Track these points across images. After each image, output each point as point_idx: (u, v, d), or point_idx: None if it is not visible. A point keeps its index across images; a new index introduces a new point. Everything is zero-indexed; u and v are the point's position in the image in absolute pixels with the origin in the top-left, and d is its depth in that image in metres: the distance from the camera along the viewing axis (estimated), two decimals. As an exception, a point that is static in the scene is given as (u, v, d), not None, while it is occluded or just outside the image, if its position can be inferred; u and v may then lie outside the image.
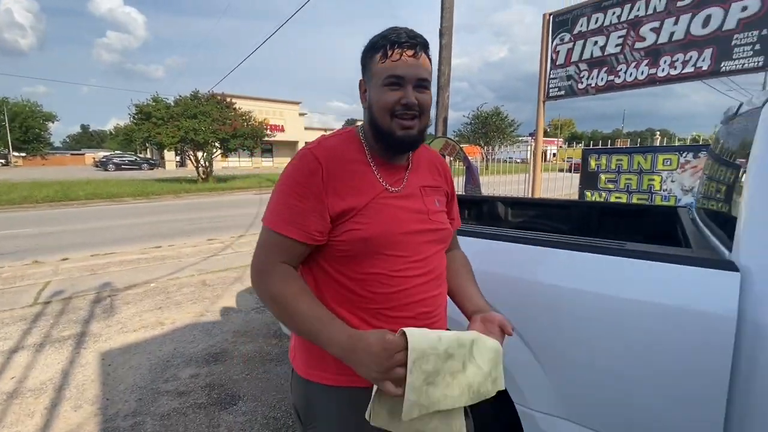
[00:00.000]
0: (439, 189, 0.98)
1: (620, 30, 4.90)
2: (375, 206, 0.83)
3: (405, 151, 0.90)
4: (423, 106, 0.83)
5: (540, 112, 5.82)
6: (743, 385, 0.91)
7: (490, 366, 0.78)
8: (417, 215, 0.88)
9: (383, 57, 0.81)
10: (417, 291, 0.86)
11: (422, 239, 0.87)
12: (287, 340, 3.01)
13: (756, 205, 0.99)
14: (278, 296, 0.80)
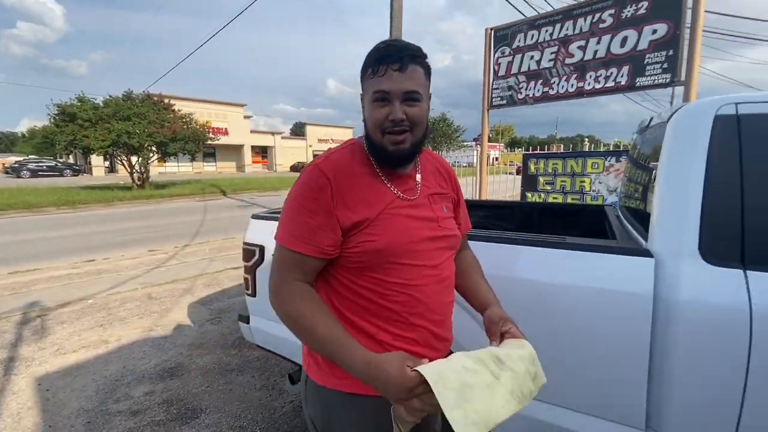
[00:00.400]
0: (446, 195, 0.98)
1: (552, 47, 5.41)
2: (386, 216, 0.83)
3: (399, 165, 0.89)
4: (413, 119, 0.82)
5: (485, 119, 6.21)
6: (659, 348, 1.11)
7: (525, 365, 0.78)
8: (427, 223, 0.88)
9: (371, 73, 0.81)
10: (432, 298, 0.87)
11: (434, 246, 0.88)
12: (248, 350, 2.95)
13: (664, 202, 1.20)
14: (294, 316, 0.80)
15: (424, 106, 0.84)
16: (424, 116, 0.84)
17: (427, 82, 0.86)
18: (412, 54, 0.81)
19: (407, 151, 0.84)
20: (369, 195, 0.84)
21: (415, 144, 0.85)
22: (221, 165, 39.94)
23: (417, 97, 0.82)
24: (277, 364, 2.75)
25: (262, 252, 2.04)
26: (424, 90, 0.84)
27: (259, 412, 2.20)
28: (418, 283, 0.85)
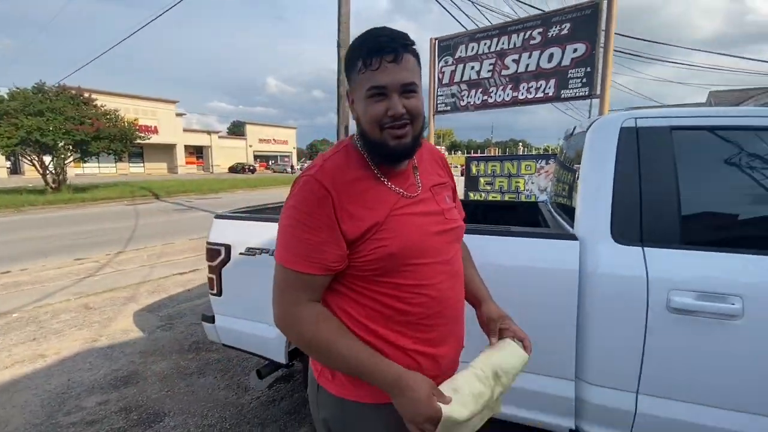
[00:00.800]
0: (446, 185, 0.96)
1: (490, 58, 5.90)
2: (394, 218, 0.80)
3: (401, 161, 0.84)
4: (412, 112, 0.78)
5: (431, 124, 6.56)
6: (583, 312, 1.39)
7: (514, 376, 0.85)
8: (434, 217, 0.86)
9: (363, 67, 0.75)
10: (447, 295, 0.86)
11: (443, 240, 0.86)
12: (206, 353, 2.91)
13: (585, 196, 1.50)
14: (312, 341, 0.77)
15: (420, 95, 0.80)
16: (422, 106, 0.80)
17: (419, 69, 0.82)
18: (404, 43, 0.76)
19: (409, 145, 0.80)
20: (372, 200, 0.80)
21: (416, 137, 0.81)
22: (150, 166, 36.86)
23: (414, 89, 0.78)
24: (239, 364, 2.76)
25: (228, 251, 2.07)
26: (419, 80, 0.80)
27: (226, 410, 2.22)
28: (433, 282, 0.83)
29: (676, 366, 1.33)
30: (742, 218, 1.41)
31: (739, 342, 1.25)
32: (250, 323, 2.09)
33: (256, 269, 2.01)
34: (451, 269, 0.88)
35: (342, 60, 7.17)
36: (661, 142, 1.42)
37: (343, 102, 7.18)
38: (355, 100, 0.81)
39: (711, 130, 1.42)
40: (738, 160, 1.39)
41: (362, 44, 0.76)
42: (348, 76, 0.82)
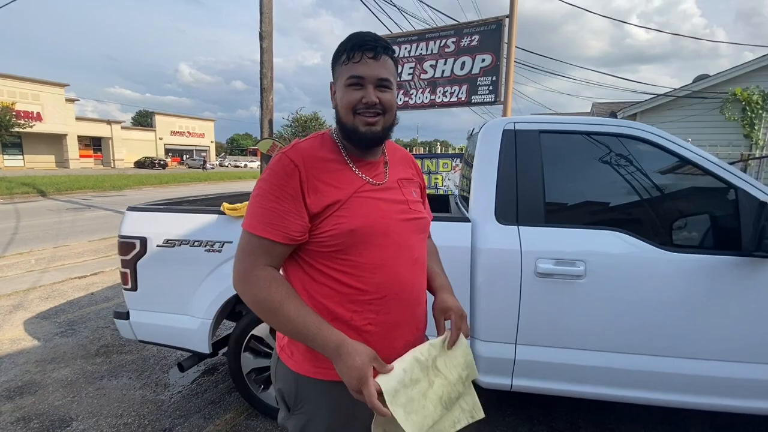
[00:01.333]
0: (413, 181, 1.03)
1: (410, 62, 6.29)
2: (357, 199, 0.86)
3: (370, 147, 0.91)
4: (385, 104, 0.86)
5: (355, 121, 6.75)
6: (474, 278, 1.69)
7: (458, 372, 0.86)
8: (398, 205, 0.92)
9: (346, 59, 0.85)
10: (406, 279, 0.90)
11: (407, 228, 0.92)
12: (118, 355, 2.74)
13: (476, 187, 1.80)
14: (264, 301, 0.81)
15: (394, 93, 0.89)
16: (394, 102, 0.89)
17: (395, 72, 0.91)
18: (384, 45, 0.86)
19: (378, 133, 0.88)
20: (338, 180, 0.86)
21: (386, 128, 0.89)
22: (33, 159, 31.44)
23: (389, 85, 0.87)
24: (157, 363, 2.65)
25: (144, 244, 2.02)
26: (393, 79, 0.89)
27: (144, 408, 2.16)
28: (392, 264, 0.87)
29: (543, 319, 1.69)
30: (586, 202, 1.83)
31: (584, 296, 1.64)
32: (170, 316, 2.07)
33: (177, 261, 2.00)
34: (412, 256, 0.92)
35: (265, 52, 7.00)
36: (532, 142, 1.78)
37: (266, 95, 7.01)
38: (336, 90, 0.90)
39: (566, 134, 1.81)
40: (583, 157, 1.80)
41: (349, 41, 0.86)
42: (333, 68, 0.91)
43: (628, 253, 1.64)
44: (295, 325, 0.79)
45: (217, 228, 1.97)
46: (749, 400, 1.64)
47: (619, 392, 1.73)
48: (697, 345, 1.63)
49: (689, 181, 1.76)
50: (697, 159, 1.66)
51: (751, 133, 8.08)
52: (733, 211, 1.60)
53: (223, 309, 2.03)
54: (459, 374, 0.86)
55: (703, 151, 1.71)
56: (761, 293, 1.57)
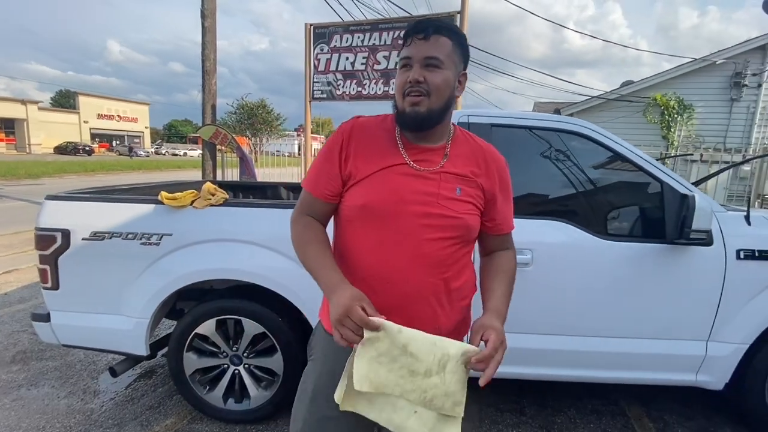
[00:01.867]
0: (469, 179, 0.91)
1: (364, 52, 6.20)
2: (383, 175, 0.87)
3: (415, 130, 0.88)
4: (431, 83, 0.83)
5: (307, 111, 6.57)
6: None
7: (456, 388, 0.77)
8: (424, 196, 0.86)
9: (402, 45, 0.87)
10: (401, 270, 0.86)
11: (422, 222, 0.86)
12: (38, 362, 2.43)
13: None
14: (295, 240, 0.93)
15: (446, 74, 0.84)
16: (445, 84, 0.84)
17: (455, 55, 0.86)
18: (437, 25, 0.85)
19: (423, 115, 0.84)
20: (376, 154, 0.88)
21: (432, 110, 0.84)
22: None
23: (437, 63, 0.83)
24: (84, 368, 2.40)
25: (66, 237, 1.80)
26: (448, 59, 0.84)
27: (71, 418, 1.93)
28: (390, 250, 0.86)
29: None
30: (534, 194, 1.92)
31: (532, 282, 1.73)
32: (98, 317, 1.87)
33: (107, 256, 1.80)
34: (419, 250, 0.86)
35: (208, 32, 6.52)
36: (483, 134, 1.81)
37: (209, 78, 6.54)
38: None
39: (516, 128, 1.87)
40: (532, 151, 1.89)
41: (408, 28, 0.87)
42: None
43: (570, 242, 1.75)
44: (312, 263, 0.87)
45: (155, 219, 1.80)
46: (670, 372, 1.84)
47: (561, 372, 1.85)
48: (626, 325, 1.80)
49: (624, 175, 1.90)
50: (630, 155, 1.80)
51: (668, 135, 9.05)
52: (660, 203, 1.76)
53: (162, 307, 1.87)
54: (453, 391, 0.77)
55: (635, 148, 1.86)
56: (681, 276, 1.75)
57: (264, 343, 1.87)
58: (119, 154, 35.45)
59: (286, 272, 1.75)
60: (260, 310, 1.82)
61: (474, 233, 0.93)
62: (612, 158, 1.87)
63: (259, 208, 1.84)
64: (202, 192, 1.84)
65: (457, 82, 0.89)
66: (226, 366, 1.92)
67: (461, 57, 0.89)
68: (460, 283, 0.93)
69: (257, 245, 1.78)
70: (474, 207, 0.91)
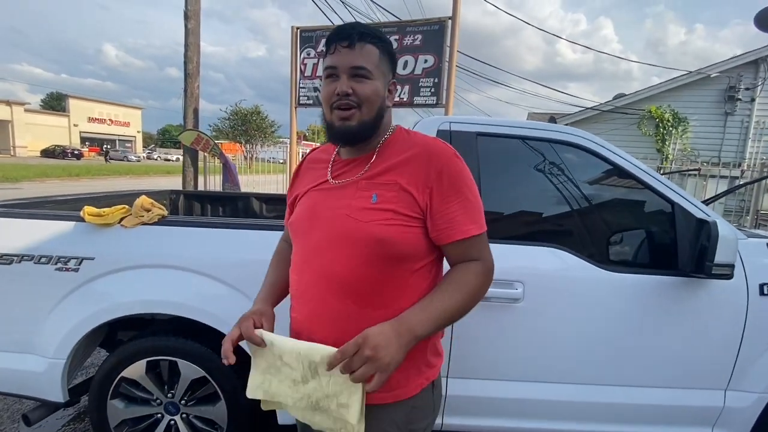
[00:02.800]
0: (390, 184, 0.80)
1: (351, 57, 5.99)
2: (306, 195, 0.88)
3: (349, 144, 0.84)
4: (360, 95, 0.79)
5: (293, 116, 6.31)
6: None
7: (336, 390, 0.75)
8: (335, 210, 0.81)
9: (325, 53, 0.82)
10: (308, 291, 0.83)
11: (330, 237, 0.80)
12: None
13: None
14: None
15: (375, 84, 0.81)
16: (375, 95, 0.80)
17: (383, 64, 0.82)
18: (361, 32, 0.80)
19: (354, 129, 0.80)
20: (312, 175, 0.91)
21: (364, 123, 0.80)
22: None
23: (365, 74, 0.79)
24: (6, 409, 2.06)
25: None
26: (375, 68, 0.80)
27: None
28: (303, 268, 0.85)
29: (478, 347, 1.48)
30: (526, 213, 1.66)
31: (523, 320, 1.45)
32: (5, 356, 1.55)
33: (13, 282, 1.50)
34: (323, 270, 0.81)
35: (191, 33, 6.28)
36: (468, 144, 1.56)
37: (192, 81, 6.28)
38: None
39: (506, 137, 1.61)
40: (522, 164, 1.63)
41: (330, 34, 0.83)
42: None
43: (568, 273, 1.49)
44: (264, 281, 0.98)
45: (74, 240, 1.50)
46: (682, 427, 1.57)
47: (556, 426, 1.57)
48: (632, 372, 1.53)
49: (629, 193, 1.65)
50: (636, 171, 1.55)
51: (663, 148, 8.93)
52: (670, 227, 1.51)
53: (86, 343, 1.57)
54: (334, 393, 0.76)
55: (641, 163, 1.61)
56: (695, 314, 1.49)
57: (205, 389, 1.56)
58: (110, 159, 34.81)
59: (229, 305, 1.46)
60: (199, 350, 1.52)
61: (399, 247, 0.78)
62: (614, 174, 1.62)
63: (200, 228, 1.55)
64: (133, 207, 1.55)
65: (387, 91, 0.85)
66: (161, 415, 1.61)
67: (389, 65, 0.85)
68: (391, 312, 0.76)
69: (196, 273, 1.49)
70: (396, 215, 0.78)
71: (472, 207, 0.81)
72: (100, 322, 1.49)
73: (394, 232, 0.77)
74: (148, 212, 1.55)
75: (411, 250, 0.79)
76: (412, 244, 0.79)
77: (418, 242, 0.80)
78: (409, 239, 0.78)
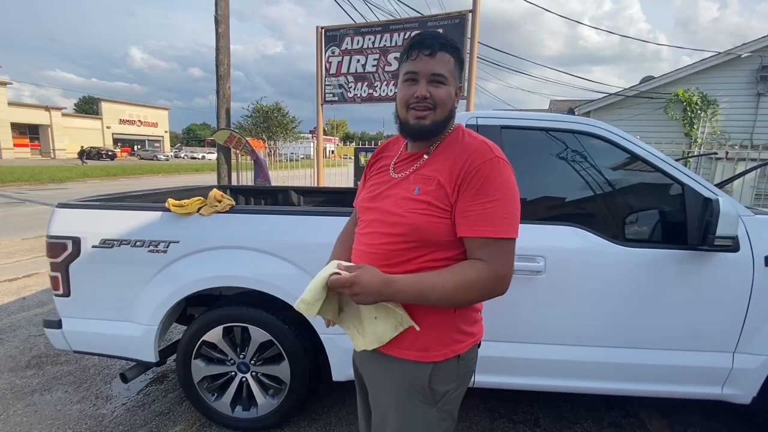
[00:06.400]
0: (430, 178, 0.91)
1: (375, 54, 6.17)
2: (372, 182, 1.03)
3: (419, 139, 0.95)
4: (436, 99, 0.89)
5: (319, 114, 6.57)
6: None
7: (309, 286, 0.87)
8: (386, 198, 0.96)
9: (406, 58, 0.92)
10: (361, 259, 0.97)
11: (378, 218, 0.96)
12: (52, 366, 2.49)
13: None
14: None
15: (450, 90, 0.90)
16: (449, 99, 0.90)
17: (457, 71, 0.93)
18: (442, 42, 0.89)
19: (428, 127, 0.91)
20: (379, 165, 1.06)
21: (436, 122, 0.91)
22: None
23: (443, 80, 0.89)
24: (98, 373, 2.43)
25: (77, 245, 1.82)
26: (450, 76, 0.90)
27: (82, 424, 1.96)
28: (358, 241, 1.01)
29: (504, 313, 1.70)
30: (547, 197, 1.85)
31: (545, 290, 1.66)
32: (109, 323, 1.88)
33: (116, 263, 1.82)
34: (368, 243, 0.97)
35: (221, 37, 6.62)
36: (494, 138, 1.75)
37: (223, 83, 6.64)
38: (398, 86, 0.96)
39: (527, 129, 1.80)
40: (543, 152, 1.81)
41: (410, 41, 0.92)
42: (398, 67, 0.97)
43: (586, 248, 1.67)
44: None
45: (162, 227, 1.80)
46: (694, 386, 1.74)
47: (577, 384, 1.77)
48: (647, 335, 1.71)
49: (642, 177, 1.81)
50: (648, 156, 1.71)
51: (691, 132, 8.72)
52: (681, 206, 1.67)
53: (171, 313, 1.88)
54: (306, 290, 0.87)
55: (652, 148, 1.77)
56: (705, 284, 1.65)
57: (271, 351, 1.85)
58: (141, 158, 36.37)
59: (292, 280, 1.73)
60: (267, 318, 1.80)
61: (428, 234, 0.89)
62: (628, 159, 1.79)
63: (266, 215, 1.82)
64: (208, 199, 1.83)
65: (455, 94, 0.95)
66: (234, 373, 1.91)
67: (459, 72, 0.95)
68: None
69: (264, 252, 1.76)
70: (429, 206, 0.89)
71: (493, 210, 0.85)
72: (185, 294, 1.79)
73: (425, 221, 0.88)
74: (220, 202, 1.83)
75: (437, 238, 0.89)
76: (440, 232, 0.88)
77: (445, 231, 0.89)
78: (437, 228, 0.88)
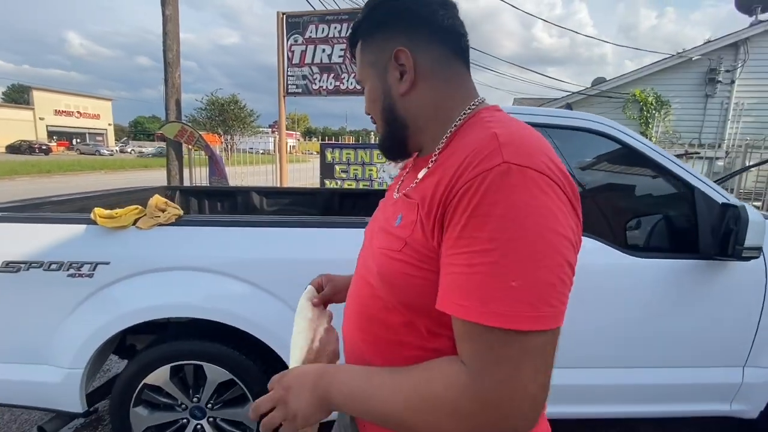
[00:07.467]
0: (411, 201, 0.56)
1: (341, 43, 5.82)
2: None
3: (393, 160, 0.70)
4: (367, 110, 0.67)
5: (281, 106, 6.15)
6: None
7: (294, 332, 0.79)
8: (373, 232, 0.68)
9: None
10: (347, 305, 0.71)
11: (363, 254, 0.69)
12: None
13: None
14: None
15: (369, 87, 0.63)
16: (374, 98, 0.63)
17: (370, 49, 0.62)
18: (353, 33, 0.65)
19: (385, 146, 0.66)
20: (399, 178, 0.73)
21: (383, 136, 0.65)
22: None
23: (363, 84, 0.65)
24: (14, 420, 1.98)
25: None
26: (363, 70, 0.64)
27: (-14, 496, 1.54)
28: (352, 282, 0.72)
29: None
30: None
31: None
32: (18, 367, 1.47)
33: (23, 291, 1.41)
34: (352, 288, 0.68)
35: (169, 21, 5.98)
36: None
37: (172, 71, 6.00)
38: None
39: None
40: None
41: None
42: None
43: (587, 255, 1.50)
44: None
45: (86, 244, 1.42)
46: (702, 403, 1.63)
47: (578, 409, 1.61)
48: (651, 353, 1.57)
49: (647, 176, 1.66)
50: (654, 155, 1.56)
51: (647, 131, 9.16)
52: (690, 211, 1.54)
53: (102, 351, 1.50)
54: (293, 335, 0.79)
55: (658, 147, 1.63)
56: (714, 294, 1.53)
57: (233, 392, 1.53)
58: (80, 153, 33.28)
59: (256, 306, 1.42)
60: (225, 353, 1.47)
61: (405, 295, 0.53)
62: (631, 158, 1.64)
63: (222, 227, 1.49)
64: (148, 208, 1.47)
65: (386, 72, 0.60)
66: (186, 420, 1.57)
67: (381, 41, 0.60)
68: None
69: (219, 273, 1.43)
70: (406, 247, 0.52)
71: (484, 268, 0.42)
72: (120, 328, 1.42)
73: (395, 270, 0.53)
74: (163, 212, 1.48)
75: (421, 301, 0.51)
76: (422, 293, 0.51)
77: (423, 293, 0.50)
78: (415, 286, 0.51)
